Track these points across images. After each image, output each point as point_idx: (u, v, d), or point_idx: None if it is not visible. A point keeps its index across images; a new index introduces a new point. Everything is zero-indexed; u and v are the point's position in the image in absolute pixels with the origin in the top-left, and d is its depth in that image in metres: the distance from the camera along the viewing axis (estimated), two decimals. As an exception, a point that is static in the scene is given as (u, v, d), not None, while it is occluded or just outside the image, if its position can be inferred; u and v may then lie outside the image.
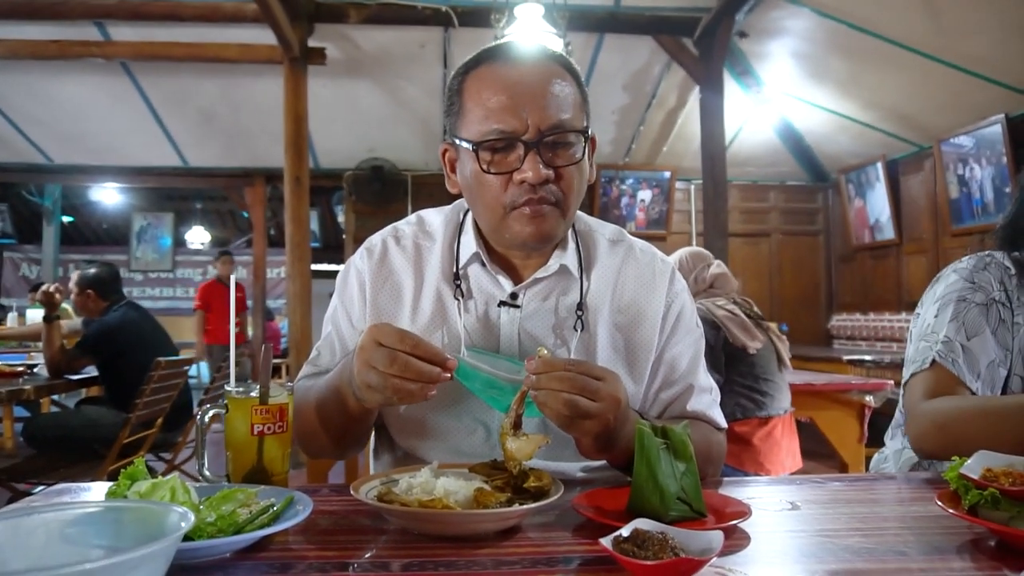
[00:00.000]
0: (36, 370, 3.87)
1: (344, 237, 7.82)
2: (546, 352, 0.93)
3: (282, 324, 9.28)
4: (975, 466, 0.86)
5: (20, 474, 3.21)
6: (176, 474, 0.82)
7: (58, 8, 5.42)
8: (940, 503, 0.84)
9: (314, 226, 10.86)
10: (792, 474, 2.70)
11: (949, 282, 1.30)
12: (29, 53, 5.77)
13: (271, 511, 0.81)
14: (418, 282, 1.17)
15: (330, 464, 3.58)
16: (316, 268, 6.07)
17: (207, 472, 0.98)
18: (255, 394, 0.95)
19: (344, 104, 6.59)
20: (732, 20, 5.44)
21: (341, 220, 9.44)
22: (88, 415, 3.58)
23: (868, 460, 1.49)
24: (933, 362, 1.22)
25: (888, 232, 6.63)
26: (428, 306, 1.15)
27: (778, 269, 7.76)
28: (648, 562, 0.66)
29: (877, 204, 6.74)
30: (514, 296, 1.14)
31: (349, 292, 1.19)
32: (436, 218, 1.22)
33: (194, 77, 6.31)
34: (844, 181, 7.11)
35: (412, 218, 1.24)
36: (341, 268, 1.26)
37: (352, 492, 0.87)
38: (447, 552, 0.77)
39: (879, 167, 6.57)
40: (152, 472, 0.83)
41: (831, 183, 7.60)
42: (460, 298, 1.13)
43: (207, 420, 0.98)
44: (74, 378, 3.71)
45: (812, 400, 3.42)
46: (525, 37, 4.13)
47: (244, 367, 6.47)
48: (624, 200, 7.48)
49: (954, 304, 1.25)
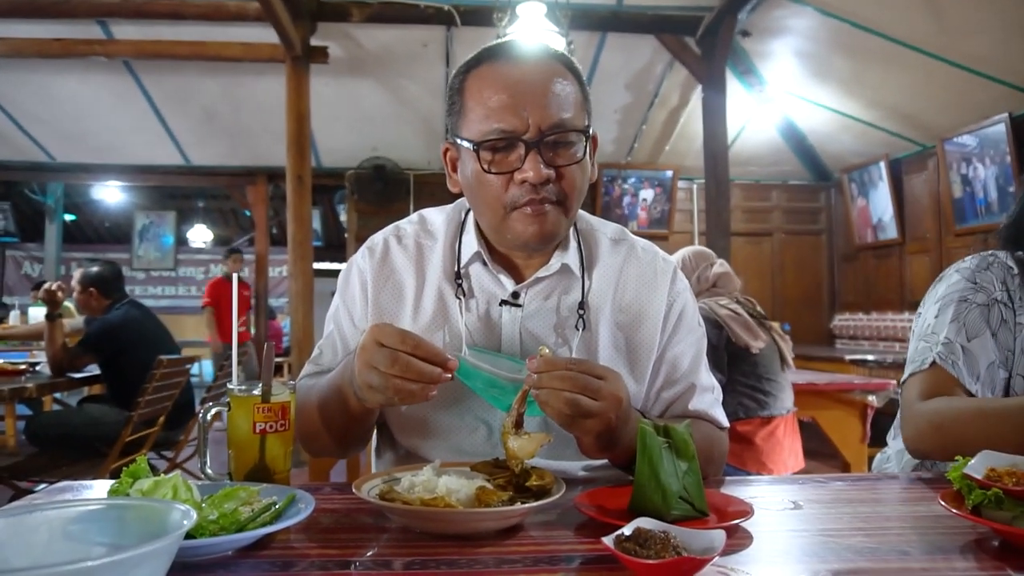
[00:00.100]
0: (38, 368, 3.88)
1: (346, 236, 7.82)
2: (547, 351, 0.93)
3: (284, 323, 9.30)
4: (978, 466, 0.86)
5: (22, 472, 3.22)
6: (178, 472, 0.82)
7: (61, 6, 5.43)
8: (943, 503, 0.84)
9: (316, 225, 10.84)
10: (794, 474, 2.69)
11: (951, 282, 1.29)
12: (32, 51, 5.78)
13: (273, 509, 0.81)
14: (420, 281, 1.16)
15: (332, 463, 3.58)
16: (318, 267, 6.07)
17: (209, 470, 0.98)
18: (257, 392, 0.95)
19: (346, 103, 6.59)
20: (735, 19, 5.44)
21: (343, 219, 9.45)
22: (90, 413, 3.58)
23: (870, 460, 1.49)
24: (933, 363, 1.21)
25: (891, 231, 6.62)
26: (430, 305, 1.15)
27: (780, 269, 7.75)
28: (650, 561, 0.66)
29: (880, 203, 6.73)
30: (515, 295, 1.14)
31: (351, 291, 1.19)
32: (438, 217, 1.22)
33: (197, 76, 6.32)
34: (847, 180, 7.10)
35: (414, 217, 1.24)
36: (343, 267, 1.26)
37: (354, 490, 0.87)
38: (449, 551, 0.77)
39: (882, 166, 6.55)
40: (154, 470, 0.84)
41: (834, 182, 7.59)
42: (462, 297, 1.13)
43: (209, 418, 0.98)
44: (76, 376, 3.72)
45: (814, 400, 3.42)
46: (527, 36, 4.13)
47: (251, 366, 6.40)
48: (626, 199, 7.48)
49: (955, 305, 1.25)
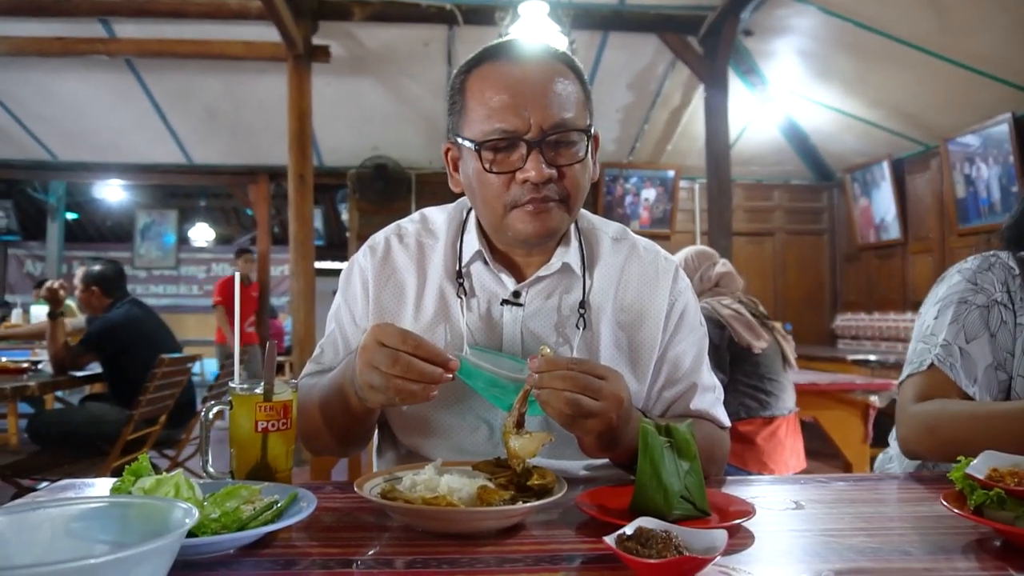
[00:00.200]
0: (40, 367, 3.89)
1: (348, 235, 7.82)
2: (549, 350, 0.93)
3: (286, 322, 9.29)
4: (981, 466, 0.86)
5: (24, 470, 3.22)
6: (180, 470, 0.82)
7: (63, 5, 5.44)
8: (945, 503, 0.84)
9: (318, 224, 10.86)
10: (796, 474, 2.69)
11: (952, 283, 1.29)
12: (34, 50, 5.79)
13: (275, 508, 0.81)
14: (421, 280, 1.16)
15: (333, 461, 3.60)
16: (320, 266, 6.08)
17: (211, 468, 0.98)
18: (259, 391, 0.95)
19: (348, 102, 6.59)
20: (737, 18, 5.43)
21: (345, 218, 9.45)
22: (92, 412, 3.58)
23: (872, 460, 1.49)
24: (931, 365, 1.21)
25: (894, 231, 6.61)
26: (431, 304, 1.15)
27: (782, 268, 7.75)
28: (652, 560, 0.66)
29: (883, 203, 6.72)
30: (517, 294, 1.13)
31: (352, 290, 1.19)
32: (439, 216, 1.22)
33: (198, 74, 6.32)
34: (849, 180, 7.09)
35: (415, 216, 1.24)
36: (344, 266, 1.26)
37: (356, 489, 0.87)
38: (450, 549, 0.77)
39: (885, 166, 6.55)
40: (155, 469, 0.84)
41: (836, 182, 7.58)
42: (463, 296, 1.13)
43: (211, 416, 0.98)
44: (78, 375, 3.73)
45: (816, 400, 3.42)
46: (529, 35, 4.13)
47: (254, 366, 6.25)
48: (628, 199, 7.47)
49: (955, 306, 1.24)
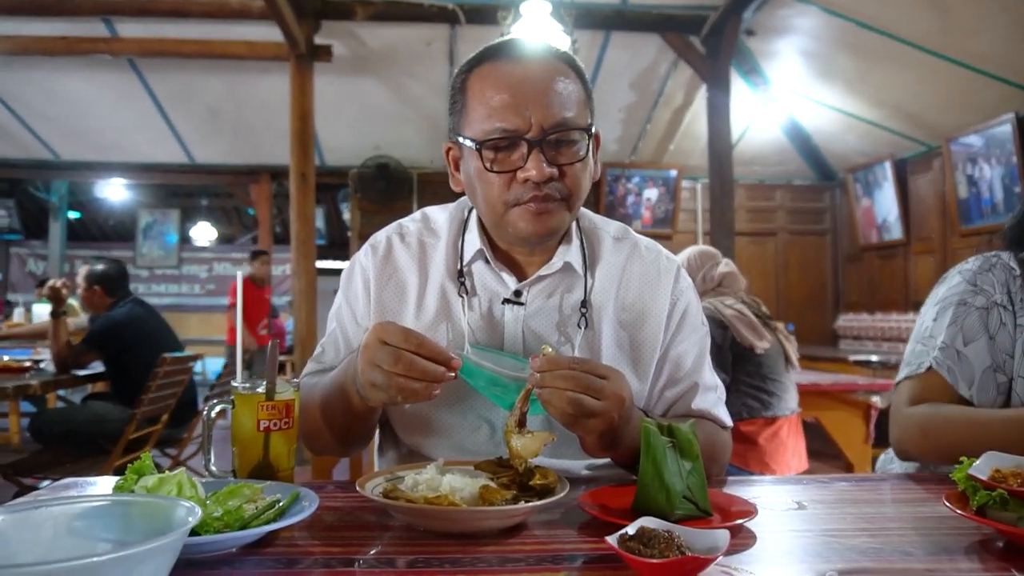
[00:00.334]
0: (43, 365, 3.89)
1: (349, 234, 7.82)
2: (550, 350, 0.93)
3: (287, 321, 9.28)
4: (983, 467, 0.86)
5: (26, 469, 3.23)
6: (183, 469, 0.82)
7: (66, 4, 5.45)
8: (948, 504, 0.84)
9: (319, 223, 10.86)
10: (798, 474, 2.69)
11: (952, 284, 1.29)
12: (37, 49, 5.80)
13: (277, 507, 0.81)
14: (422, 279, 1.16)
15: (335, 461, 3.59)
16: (321, 265, 6.07)
17: (213, 467, 0.99)
18: (261, 390, 0.95)
19: (350, 101, 6.59)
20: (740, 18, 5.43)
21: (346, 217, 9.45)
22: (94, 410, 3.59)
23: (874, 461, 1.48)
24: (929, 368, 1.21)
25: (896, 232, 6.61)
26: (432, 303, 1.15)
27: (784, 268, 7.74)
28: (654, 560, 0.66)
29: (885, 203, 6.72)
30: (518, 293, 1.13)
31: (354, 289, 1.19)
32: (441, 215, 1.22)
33: (201, 74, 6.33)
34: (851, 180, 7.09)
35: (417, 215, 1.24)
36: (346, 265, 1.26)
37: (358, 488, 0.87)
38: (452, 549, 0.77)
39: (887, 166, 6.54)
40: (158, 468, 0.84)
41: (838, 182, 7.57)
42: (464, 295, 1.13)
43: (214, 415, 0.98)
44: (80, 374, 3.73)
45: (818, 400, 3.42)
46: (531, 35, 4.13)
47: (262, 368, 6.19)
48: (630, 199, 7.47)
49: (954, 308, 1.24)
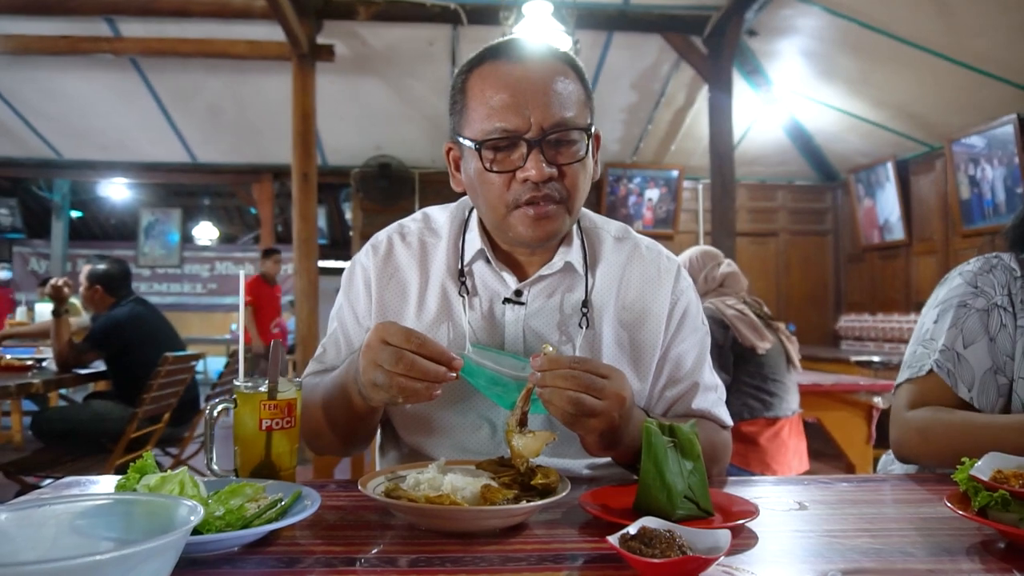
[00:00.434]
0: (44, 364, 3.90)
1: (351, 234, 7.83)
2: (551, 349, 0.93)
3: (289, 321, 9.29)
4: (985, 468, 0.86)
5: (28, 467, 3.24)
6: (185, 468, 0.82)
7: (68, 4, 5.45)
8: (949, 504, 0.84)
9: (321, 223, 10.87)
10: (799, 475, 2.69)
11: (952, 286, 1.28)
12: (39, 49, 5.80)
13: (279, 506, 0.81)
14: (423, 279, 1.16)
15: (336, 460, 3.60)
16: (323, 265, 6.07)
17: (215, 466, 0.99)
18: (264, 389, 0.95)
19: (352, 101, 6.60)
20: (742, 18, 5.42)
21: (348, 217, 9.46)
22: (96, 409, 3.59)
23: (875, 461, 1.48)
24: (930, 371, 1.21)
25: (897, 232, 6.60)
26: (433, 303, 1.15)
27: (786, 269, 7.73)
28: (655, 560, 0.66)
29: (887, 204, 6.71)
30: (519, 293, 1.14)
31: (355, 289, 1.19)
32: (441, 215, 1.22)
33: (203, 73, 6.33)
34: (853, 181, 7.08)
35: (418, 215, 1.24)
36: (347, 264, 1.26)
37: (360, 487, 0.88)
38: (454, 548, 0.77)
39: (889, 167, 6.53)
40: (159, 467, 0.84)
41: (840, 183, 7.57)
42: (465, 295, 1.13)
43: (216, 414, 0.98)
44: (82, 372, 3.74)
45: (819, 401, 3.41)
46: (533, 35, 4.13)
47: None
48: (632, 199, 7.47)
49: (954, 310, 1.24)
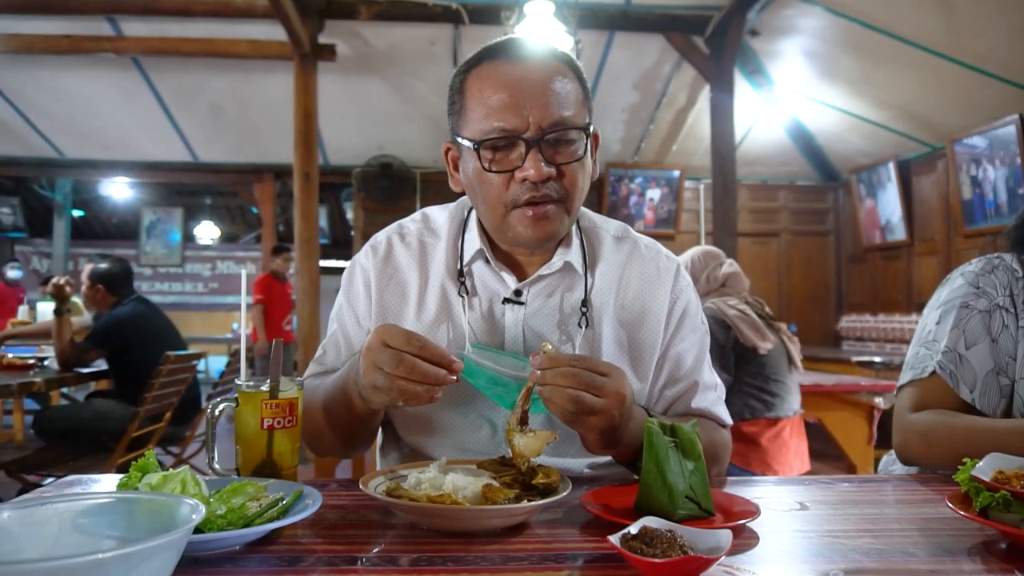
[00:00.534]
0: (46, 363, 3.90)
1: (352, 234, 7.83)
2: (551, 347, 0.93)
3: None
4: (986, 468, 0.86)
5: (30, 466, 3.24)
6: (187, 467, 0.82)
7: (70, 3, 5.46)
8: (951, 505, 0.84)
9: (323, 222, 10.89)
10: (800, 475, 2.68)
11: (954, 287, 1.28)
12: (41, 48, 5.81)
13: (280, 505, 0.81)
14: (423, 279, 1.16)
15: (337, 459, 3.60)
16: (324, 264, 6.07)
17: (217, 465, 0.99)
18: (265, 388, 0.95)
19: (354, 101, 6.60)
20: (743, 18, 5.42)
21: (350, 216, 9.46)
22: (97, 408, 3.60)
23: (877, 462, 1.48)
24: (932, 373, 1.21)
25: (899, 233, 6.59)
26: (433, 303, 1.15)
27: (787, 269, 7.73)
28: (656, 560, 0.66)
29: (888, 204, 6.70)
30: (518, 293, 1.14)
31: (355, 290, 1.19)
32: (441, 215, 1.22)
33: (204, 73, 6.34)
34: (855, 181, 7.07)
35: (417, 215, 1.24)
36: (347, 264, 1.26)
37: (361, 487, 0.88)
38: (455, 547, 0.77)
39: (891, 167, 6.53)
40: (160, 466, 0.84)
41: (842, 183, 7.56)
42: (465, 295, 1.13)
43: (217, 413, 0.98)
44: (84, 371, 3.74)
45: (820, 401, 3.41)
46: (535, 35, 4.12)
47: (288, 365, 5.97)
48: (633, 199, 7.47)
49: (956, 311, 1.24)
